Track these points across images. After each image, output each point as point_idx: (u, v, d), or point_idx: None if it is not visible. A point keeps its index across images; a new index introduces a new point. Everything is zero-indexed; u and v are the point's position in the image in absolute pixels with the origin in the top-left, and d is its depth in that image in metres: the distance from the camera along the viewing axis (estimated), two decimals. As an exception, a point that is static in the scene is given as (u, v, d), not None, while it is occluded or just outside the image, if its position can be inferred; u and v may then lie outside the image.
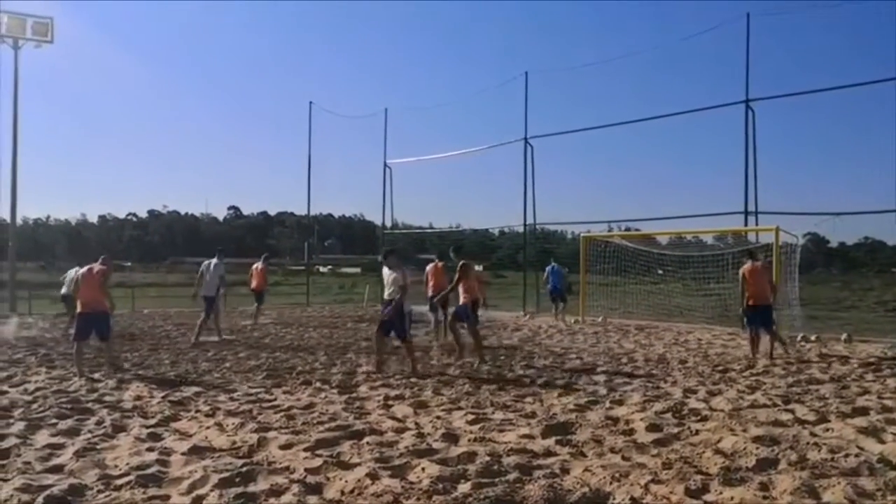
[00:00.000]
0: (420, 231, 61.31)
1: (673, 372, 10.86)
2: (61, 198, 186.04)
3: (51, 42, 25.72)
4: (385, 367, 10.71)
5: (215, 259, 15.31)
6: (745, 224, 18.47)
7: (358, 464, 5.65)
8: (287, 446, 6.20)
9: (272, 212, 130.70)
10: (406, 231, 50.14)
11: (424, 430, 6.84)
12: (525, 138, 24.52)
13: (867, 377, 10.38)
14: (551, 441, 6.39)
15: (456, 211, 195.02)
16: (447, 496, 4.85)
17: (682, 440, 6.51)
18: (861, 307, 31.01)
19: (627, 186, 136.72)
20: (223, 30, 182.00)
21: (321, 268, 75.34)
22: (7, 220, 27.06)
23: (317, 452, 5.98)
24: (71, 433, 6.68)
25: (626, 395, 8.75)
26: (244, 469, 5.39)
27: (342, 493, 4.98)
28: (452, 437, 6.54)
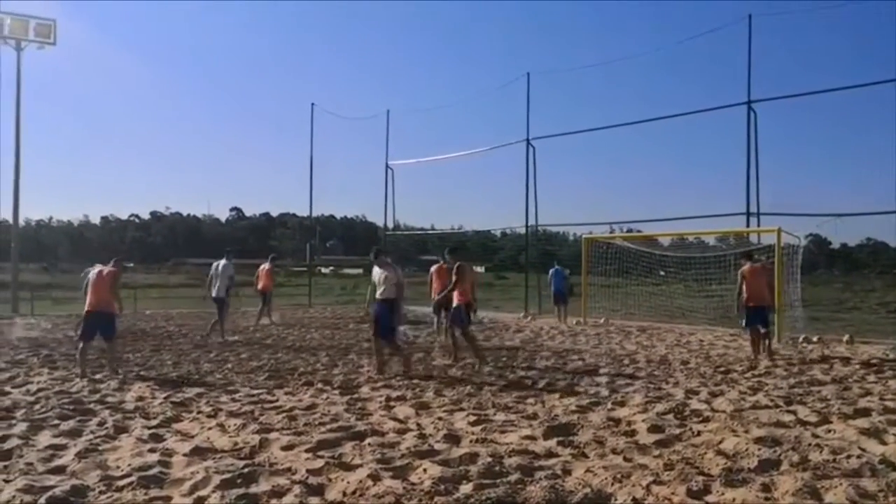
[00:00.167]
0: (422, 232, 61.46)
1: (675, 373, 10.85)
2: (64, 199, 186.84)
3: (53, 44, 25.75)
4: (387, 369, 10.71)
5: (224, 260, 15.41)
6: (747, 225, 18.47)
7: (360, 465, 5.65)
8: (289, 447, 6.20)
9: (274, 213, 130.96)
10: (408, 232, 50.24)
11: (426, 431, 6.84)
12: (527, 139, 24.56)
13: (869, 378, 10.37)
14: (553, 442, 6.39)
15: (458, 212, 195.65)
16: (449, 497, 4.85)
17: (684, 441, 6.51)
18: (863, 308, 31.00)
19: (629, 188, 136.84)
20: (225, 31, 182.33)
21: (323, 269, 75.44)
22: (9, 221, 27.10)
23: (318, 453, 5.98)
24: (73, 434, 6.69)
25: (628, 397, 8.75)
26: (246, 470, 5.39)
27: (344, 494, 4.98)
28: (454, 438, 6.54)
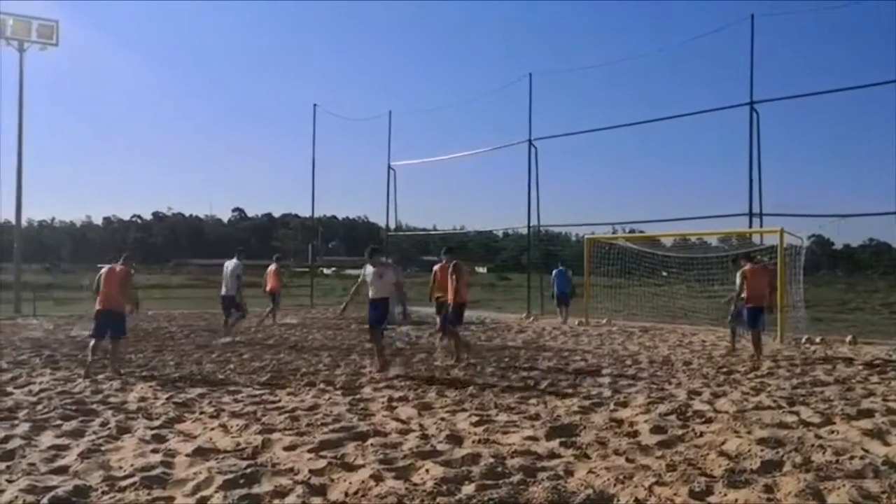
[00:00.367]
0: (424, 233, 61.44)
1: (677, 374, 10.84)
2: (66, 200, 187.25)
3: (56, 45, 25.80)
4: (389, 369, 10.71)
5: (234, 260, 15.49)
6: (750, 226, 18.45)
7: (362, 465, 5.65)
8: (291, 448, 6.20)
9: (276, 213, 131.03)
10: (410, 233, 50.24)
11: (428, 432, 6.84)
12: (529, 140, 24.54)
13: (872, 379, 10.36)
14: (555, 443, 6.38)
15: (460, 213, 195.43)
16: (451, 498, 4.85)
17: (687, 442, 6.50)
18: (866, 309, 30.95)
19: (632, 188, 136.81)
20: (227, 31, 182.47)
21: (325, 269, 75.45)
22: (12, 222, 27.15)
23: (321, 454, 5.98)
24: (75, 434, 6.69)
25: (631, 397, 8.74)
26: (248, 470, 5.39)
27: (346, 495, 4.98)
28: (456, 439, 6.54)
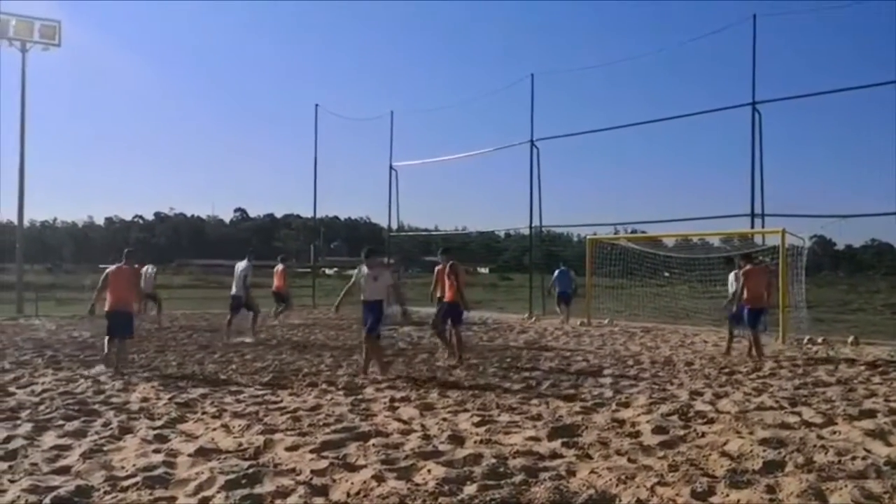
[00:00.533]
0: (426, 233, 61.38)
1: (679, 374, 10.84)
2: (68, 200, 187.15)
3: (58, 45, 25.83)
4: (390, 369, 10.71)
5: (244, 261, 15.67)
6: (752, 226, 18.44)
7: (364, 465, 5.65)
8: (293, 448, 6.21)
9: (278, 214, 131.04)
10: (412, 233, 50.23)
11: (430, 432, 6.84)
12: (531, 140, 24.55)
13: (874, 380, 10.36)
14: (557, 443, 6.38)
15: (462, 213, 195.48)
16: (453, 498, 4.85)
17: (689, 442, 6.50)
18: (868, 310, 30.90)
19: (634, 189, 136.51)
20: (228, 32, 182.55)
21: (327, 270, 75.42)
22: (14, 222, 27.18)
23: (323, 454, 5.99)
24: (78, 435, 6.70)
25: (633, 398, 8.74)
26: (250, 471, 5.39)
27: (348, 495, 4.98)
28: (458, 439, 6.55)
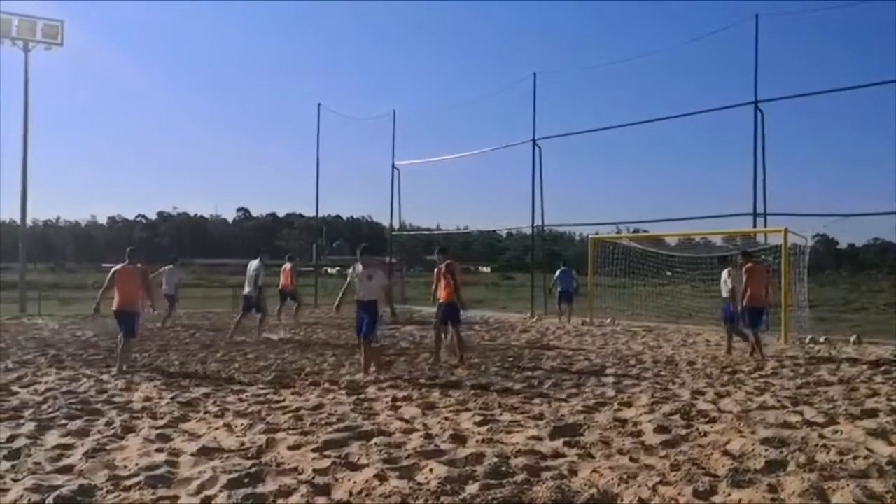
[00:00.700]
0: (428, 232, 61.34)
1: (681, 374, 10.84)
2: (71, 199, 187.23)
3: (60, 45, 25.89)
4: (392, 369, 10.72)
5: (256, 261, 15.86)
6: (754, 225, 18.43)
7: (366, 465, 5.66)
8: (295, 447, 6.22)
9: (281, 213, 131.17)
10: (414, 233, 50.21)
11: (432, 432, 6.85)
12: (533, 139, 24.55)
13: (876, 379, 10.34)
14: (559, 442, 6.39)
15: (464, 212, 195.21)
16: (455, 497, 4.85)
17: (691, 442, 6.50)
18: (870, 309, 30.85)
19: (636, 188, 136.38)
20: (231, 32, 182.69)
21: (329, 269, 75.44)
22: (17, 222, 27.22)
23: (325, 453, 6.00)
24: (81, 434, 6.72)
25: (635, 397, 8.74)
26: (253, 470, 5.41)
27: (350, 494, 4.99)
28: (460, 439, 6.55)
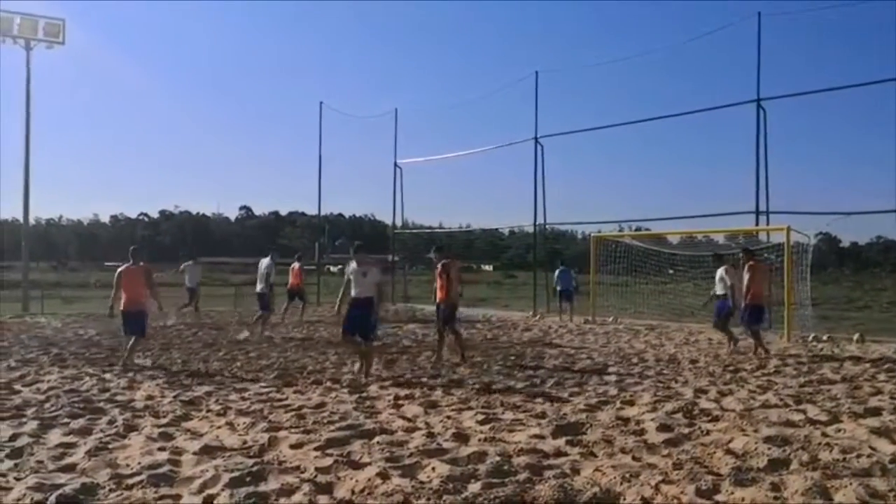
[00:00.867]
0: (430, 231, 61.35)
1: (684, 372, 10.82)
2: (73, 198, 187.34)
3: (62, 43, 25.91)
4: (394, 367, 10.71)
5: (267, 258, 16.05)
6: (756, 224, 18.40)
7: (368, 463, 5.65)
8: (298, 445, 6.21)
9: (283, 211, 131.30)
10: (416, 231, 50.20)
11: (435, 430, 6.84)
12: (535, 137, 24.52)
13: (879, 377, 10.32)
14: (561, 441, 6.37)
15: (466, 210, 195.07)
16: (457, 496, 4.85)
17: (693, 440, 6.48)
18: (874, 307, 30.82)
19: (638, 186, 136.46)
20: (232, 30, 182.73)
21: (332, 267, 75.45)
22: (20, 220, 27.25)
23: (327, 452, 5.99)
24: (83, 432, 6.71)
25: (637, 396, 8.73)
26: (255, 468, 5.40)
27: (353, 493, 4.98)
28: (462, 437, 6.54)
